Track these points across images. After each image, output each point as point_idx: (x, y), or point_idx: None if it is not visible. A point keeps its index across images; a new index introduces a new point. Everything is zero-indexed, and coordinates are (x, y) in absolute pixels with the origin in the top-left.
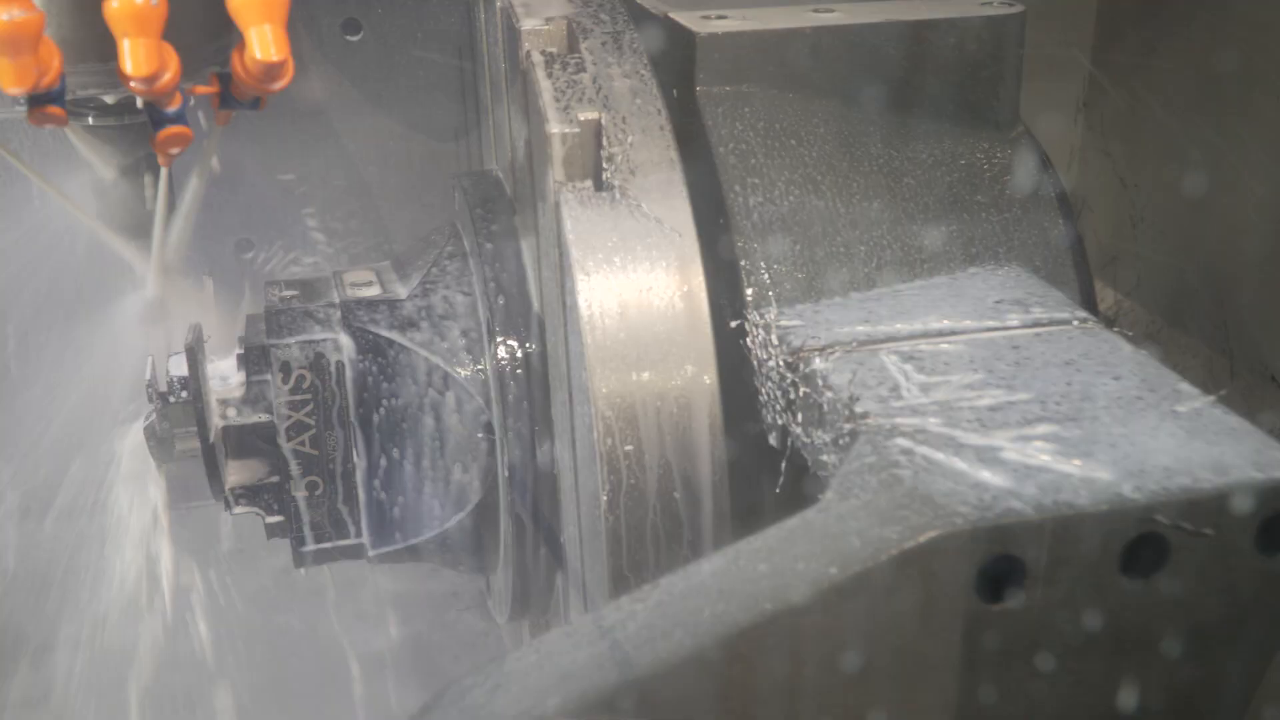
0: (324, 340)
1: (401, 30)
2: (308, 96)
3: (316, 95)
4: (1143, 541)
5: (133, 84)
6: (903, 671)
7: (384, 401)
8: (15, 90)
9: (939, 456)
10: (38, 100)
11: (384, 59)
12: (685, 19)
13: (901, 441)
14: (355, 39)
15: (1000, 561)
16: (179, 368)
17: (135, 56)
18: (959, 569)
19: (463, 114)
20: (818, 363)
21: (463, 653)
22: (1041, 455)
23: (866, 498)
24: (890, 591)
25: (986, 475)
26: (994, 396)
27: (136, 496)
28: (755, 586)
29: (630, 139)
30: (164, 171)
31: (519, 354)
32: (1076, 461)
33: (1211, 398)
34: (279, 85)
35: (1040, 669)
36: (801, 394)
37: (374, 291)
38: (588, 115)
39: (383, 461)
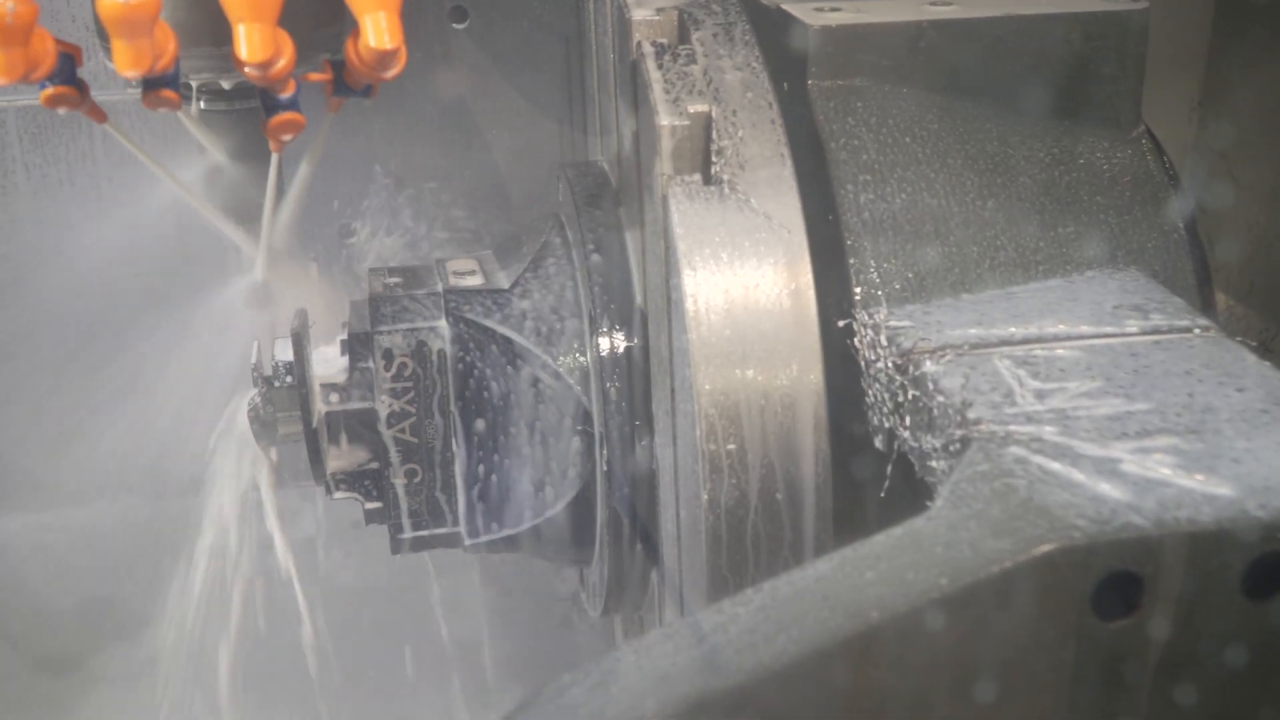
0: (426, 328)
1: (508, 18)
2: (414, 84)
3: (422, 82)
4: (1266, 561)
5: (247, 70)
6: (1013, 687)
7: (484, 391)
8: (131, 73)
9: (1055, 467)
10: (152, 84)
11: (490, 47)
12: (798, 11)
13: (1016, 450)
14: (462, 26)
15: (1118, 578)
16: (284, 352)
17: (250, 42)
18: (1075, 584)
19: (568, 103)
20: (928, 366)
21: None
22: (1162, 469)
23: (979, 507)
24: (1002, 605)
25: (1105, 488)
26: (1112, 405)
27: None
28: (862, 595)
29: (740, 133)
30: (274, 157)
31: (621, 348)
32: (1199, 476)
33: None
34: (392, 73)
35: (1156, 689)
36: (910, 397)
37: (476, 280)
38: (698, 108)
39: (481, 451)
